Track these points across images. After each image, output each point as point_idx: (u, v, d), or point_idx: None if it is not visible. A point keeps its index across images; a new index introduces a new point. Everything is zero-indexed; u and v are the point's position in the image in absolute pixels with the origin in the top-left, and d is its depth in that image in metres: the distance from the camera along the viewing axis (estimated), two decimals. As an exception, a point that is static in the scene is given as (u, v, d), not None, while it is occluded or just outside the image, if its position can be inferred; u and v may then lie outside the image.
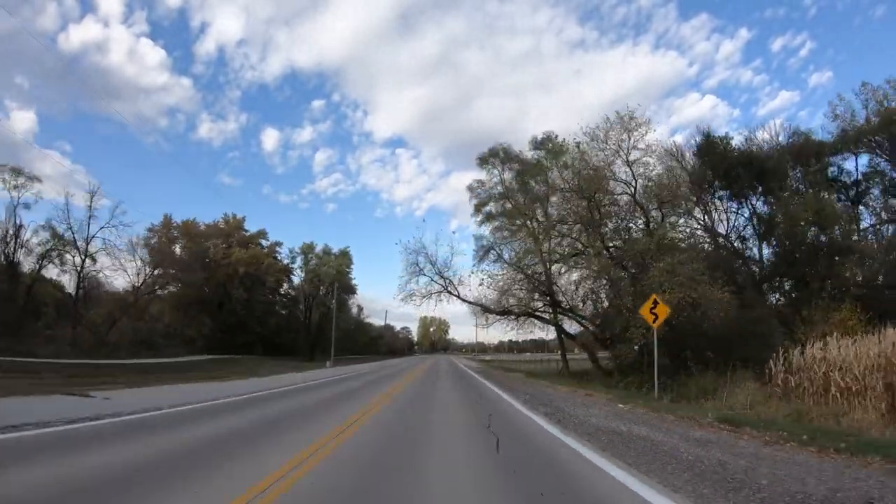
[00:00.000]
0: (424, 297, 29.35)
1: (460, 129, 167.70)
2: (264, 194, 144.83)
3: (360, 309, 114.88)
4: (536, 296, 27.00)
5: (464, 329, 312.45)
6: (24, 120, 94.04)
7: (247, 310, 53.25)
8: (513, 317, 27.55)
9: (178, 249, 52.24)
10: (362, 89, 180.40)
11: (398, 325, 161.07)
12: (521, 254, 26.59)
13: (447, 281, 29.30)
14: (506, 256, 28.26)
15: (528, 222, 28.35)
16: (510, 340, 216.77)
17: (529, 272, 25.34)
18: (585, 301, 27.56)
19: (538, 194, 28.93)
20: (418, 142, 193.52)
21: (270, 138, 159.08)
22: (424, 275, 29.88)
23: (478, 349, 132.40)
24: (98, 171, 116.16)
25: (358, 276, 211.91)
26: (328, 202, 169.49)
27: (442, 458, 5.89)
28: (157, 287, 47.90)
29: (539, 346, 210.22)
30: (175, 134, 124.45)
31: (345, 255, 59.83)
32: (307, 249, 58.94)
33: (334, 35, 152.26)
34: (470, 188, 31.18)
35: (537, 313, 27.06)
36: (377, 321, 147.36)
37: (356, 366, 41.24)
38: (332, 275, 53.68)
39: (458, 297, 29.05)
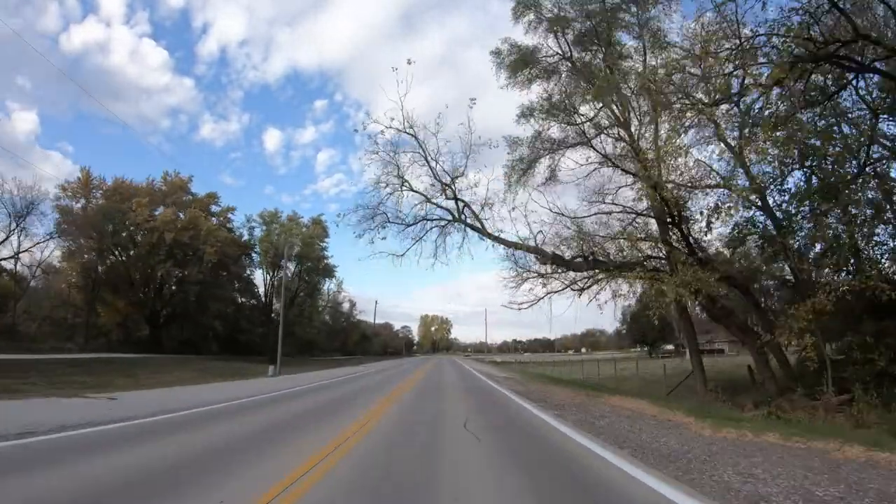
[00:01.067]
0: (413, 226, 15.17)
1: (464, 129, 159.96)
2: (266, 194, 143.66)
3: (353, 304, 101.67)
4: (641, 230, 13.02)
5: (466, 330, 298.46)
6: (25, 121, 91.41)
7: (182, 293, 39.40)
8: (593, 274, 13.41)
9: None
10: (364, 89, 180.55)
11: (398, 325, 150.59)
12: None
13: (460, 206, 15.23)
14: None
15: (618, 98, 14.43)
16: (514, 340, 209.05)
17: (647, 171, 11.26)
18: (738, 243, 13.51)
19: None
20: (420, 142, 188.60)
21: (273, 138, 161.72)
22: (412, 190, 15.68)
23: (484, 349, 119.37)
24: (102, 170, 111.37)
25: (362, 275, 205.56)
26: (330, 202, 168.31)
27: None
28: (36, 251, 34.18)
29: (545, 346, 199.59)
30: (177, 134, 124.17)
31: (318, 225, 45.68)
32: (270, 218, 44.95)
33: (336, 35, 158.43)
34: (496, 52, 16.90)
35: (652, 263, 12.83)
36: (380, 320, 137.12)
37: (322, 372, 27.42)
38: (291, 243, 39.63)
39: (484, 232, 14.71)
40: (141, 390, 12.56)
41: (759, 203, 12.77)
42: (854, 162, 10.19)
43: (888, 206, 10.98)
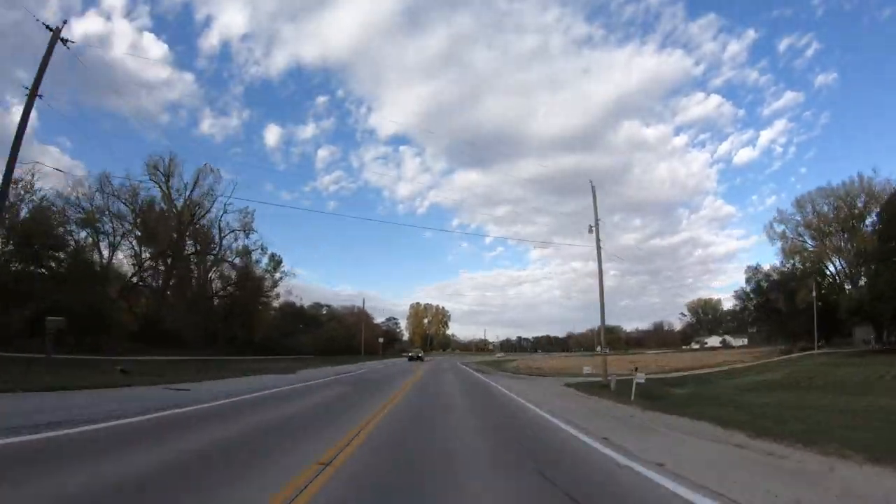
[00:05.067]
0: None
1: (465, 127, 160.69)
2: (266, 191, 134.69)
3: (278, 261, 59.26)
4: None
5: (465, 329, 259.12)
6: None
7: None
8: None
9: None
10: (367, 86, 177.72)
11: (381, 318, 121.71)
12: None
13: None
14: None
15: None
16: (518, 338, 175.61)
17: None
18: None
19: None
20: (422, 139, 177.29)
21: (273, 134, 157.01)
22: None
23: (541, 347, 77.04)
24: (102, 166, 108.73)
25: (359, 271, 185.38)
26: (329, 199, 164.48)
27: None
28: None
29: (556, 342, 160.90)
30: (177, 129, 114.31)
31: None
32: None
33: (340, 30, 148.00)
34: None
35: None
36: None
37: None
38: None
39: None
40: None
41: None
42: None
43: None
